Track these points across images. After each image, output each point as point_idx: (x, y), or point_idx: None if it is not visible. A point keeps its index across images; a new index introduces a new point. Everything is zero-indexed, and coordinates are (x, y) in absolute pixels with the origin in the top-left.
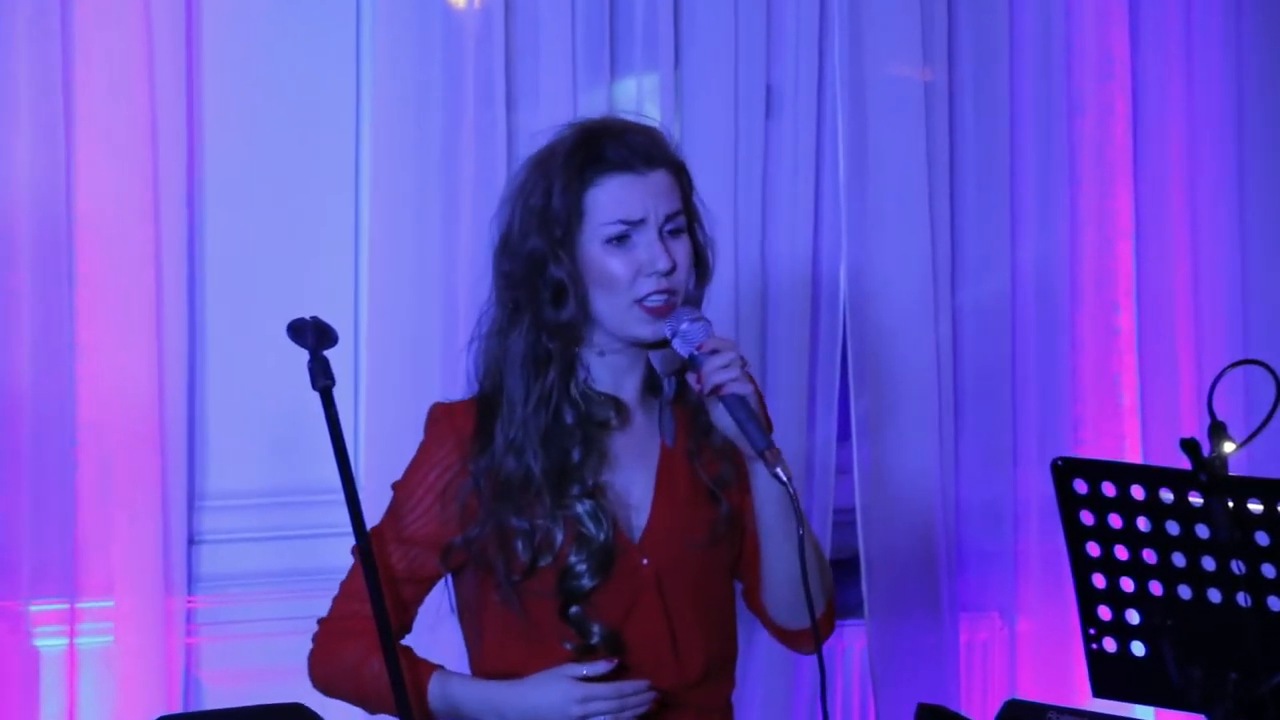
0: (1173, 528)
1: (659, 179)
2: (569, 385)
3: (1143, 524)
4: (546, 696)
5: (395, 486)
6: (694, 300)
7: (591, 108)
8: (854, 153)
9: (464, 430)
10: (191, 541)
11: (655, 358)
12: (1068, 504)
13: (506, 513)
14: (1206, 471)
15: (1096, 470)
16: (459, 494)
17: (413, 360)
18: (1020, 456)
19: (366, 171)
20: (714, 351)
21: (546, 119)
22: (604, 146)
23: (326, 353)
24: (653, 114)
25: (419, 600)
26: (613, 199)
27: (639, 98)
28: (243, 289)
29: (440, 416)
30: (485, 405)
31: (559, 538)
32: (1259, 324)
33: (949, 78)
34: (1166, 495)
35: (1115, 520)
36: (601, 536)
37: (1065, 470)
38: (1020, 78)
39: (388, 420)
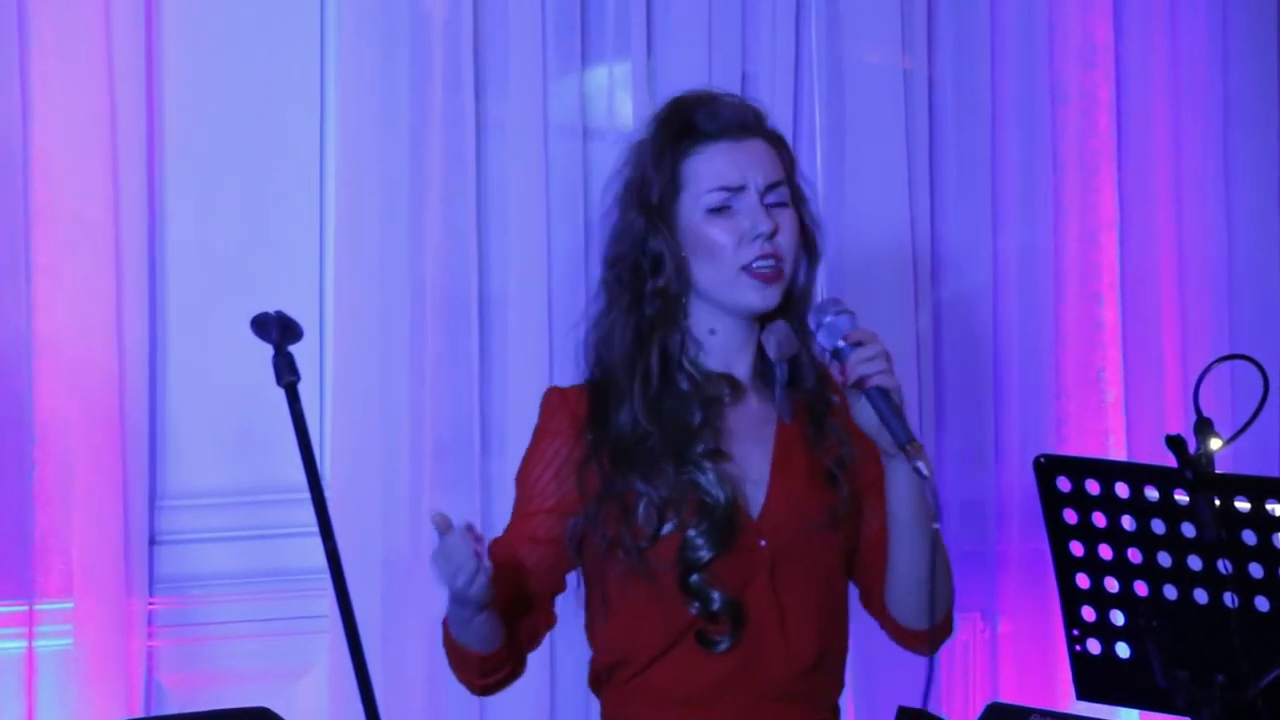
0: (1158, 526)
1: (756, 147)
2: (680, 359)
3: (1127, 522)
4: None
5: (516, 478)
6: (807, 283)
7: (562, 96)
8: (831, 141)
9: (578, 411)
10: (152, 542)
11: (768, 345)
12: (1051, 502)
13: (630, 480)
14: (1192, 469)
15: (1080, 468)
16: (576, 471)
17: (380, 355)
18: (1002, 453)
19: (331, 162)
20: (859, 344)
21: (516, 108)
22: (697, 117)
23: (291, 348)
24: (625, 103)
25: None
26: (710, 167)
27: (611, 86)
28: (205, 282)
29: (554, 398)
30: (597, 390)
31: (681, 503)
32: (1246, 318)
33: (929, 65)
34: (1152, 493)
35: (1099, 519)
36: (723, 499)
37: (1048, 468)
38: (1002, 65)
39: (354, 417)
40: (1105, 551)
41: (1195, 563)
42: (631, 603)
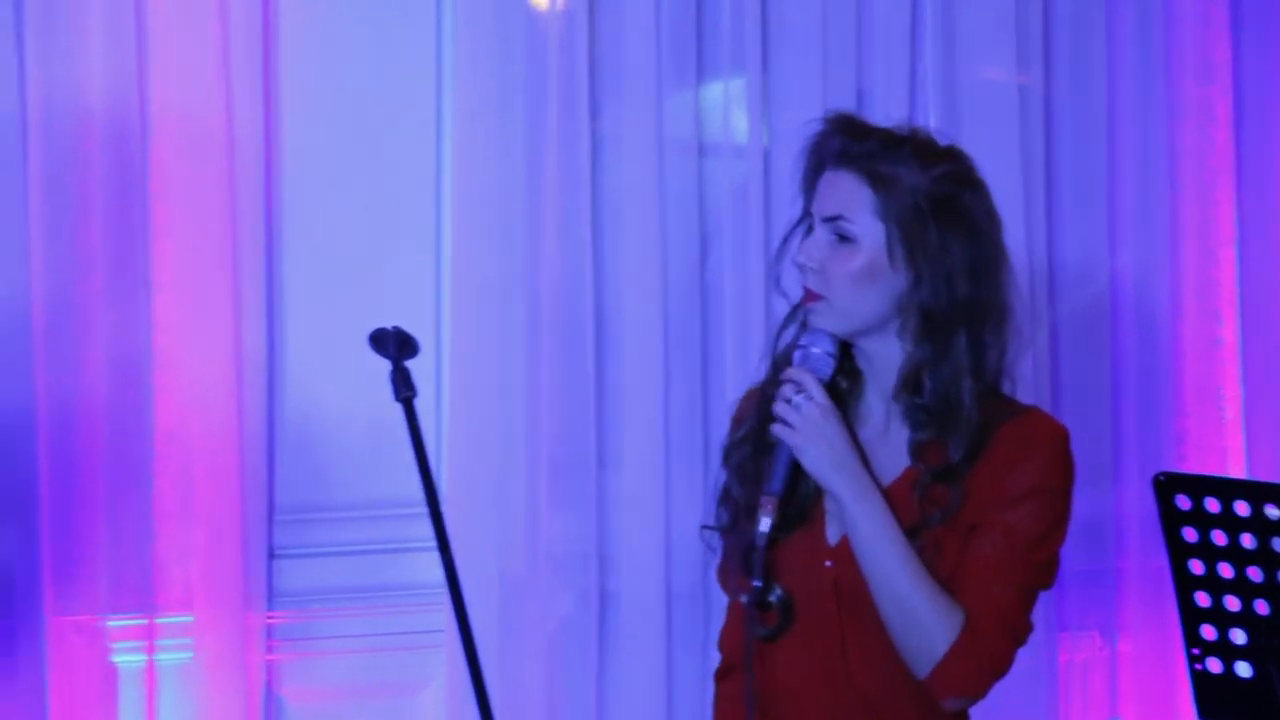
0: (1279, 545)
1: (839, 179)
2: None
3: (1247, 541)
4: None
5: None
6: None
7: (677, 112)
8: None
9: (744, 409)
10: (271, 556)
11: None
12: (1170, 520)
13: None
14: None
15: (1199, 485)
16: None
17: (496, 370)
18: (1121, 472)
19: (448, 178)
20: (792, 382)
21: (631, 124)
22: (821, 137)
23: (408, 363)
24: (739, 119)
25: None
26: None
27: (726, 102)
28: (322, 298)
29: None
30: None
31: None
32: None
33: (1044, 81)
34: (1272, 511)
35: (1219, 537)
36: (809, 488)
37: (1167, 485)
38: (1118, 81)
39: (471, 432)
40: (1225, 570)
41: None
42: (730, 589)
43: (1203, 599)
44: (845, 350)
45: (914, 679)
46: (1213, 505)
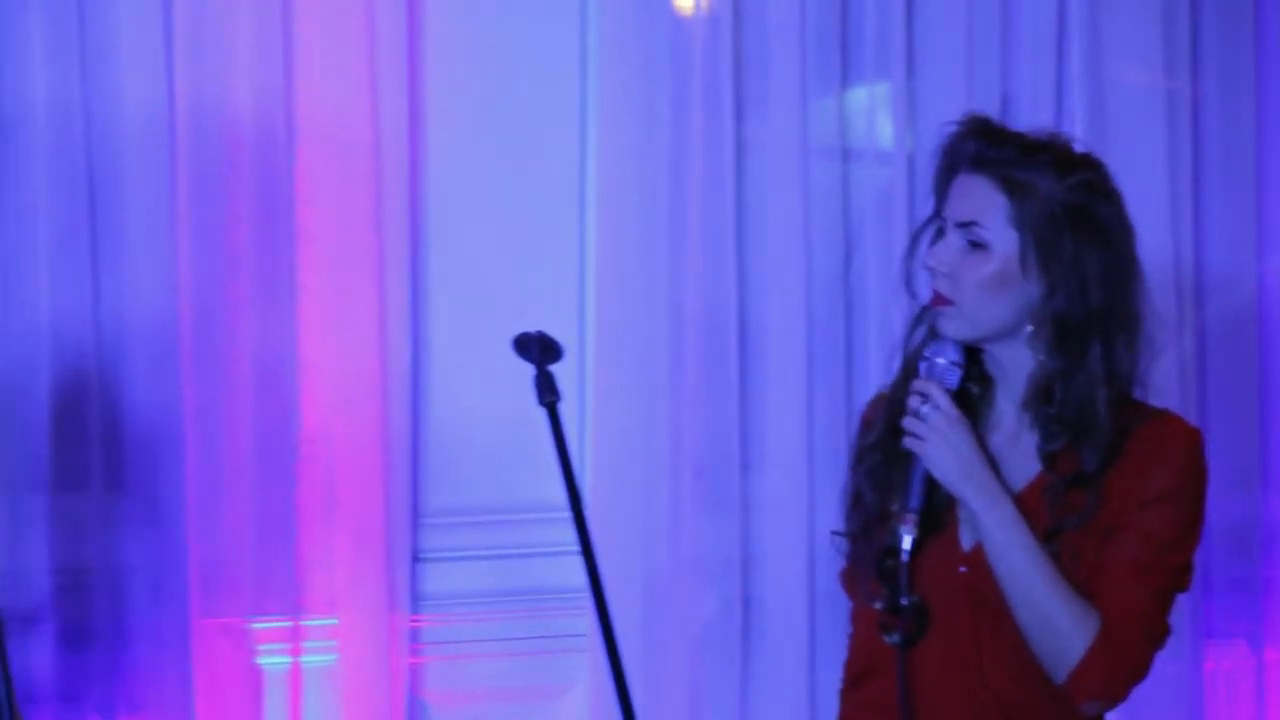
0: None
1: (973, 184)
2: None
3: None
4: None
5: None
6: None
7: (822, 117)
8: None
9: (873, 413)
10: (415, 559)
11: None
12: None
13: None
14: None
15: None
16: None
17: (640, 375)
18: (1269, 478)
19: (592, 182)
20: (919, 394)
21: (775, 129)
22: (957, 140)
23: (552, 367)
24: (884, 124)
25: None
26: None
27: (871, 107)
28: (466, 302)
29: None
30: None
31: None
32: None
33: (1192, 85)
34: None
35: None
36: (931, 500)
37: None
38: (1267, 83)
39: (614, 436)
40: None
41: None
42: (861, 604)
43: None
44: (975, 356)
45: (1051, 684)
46: None
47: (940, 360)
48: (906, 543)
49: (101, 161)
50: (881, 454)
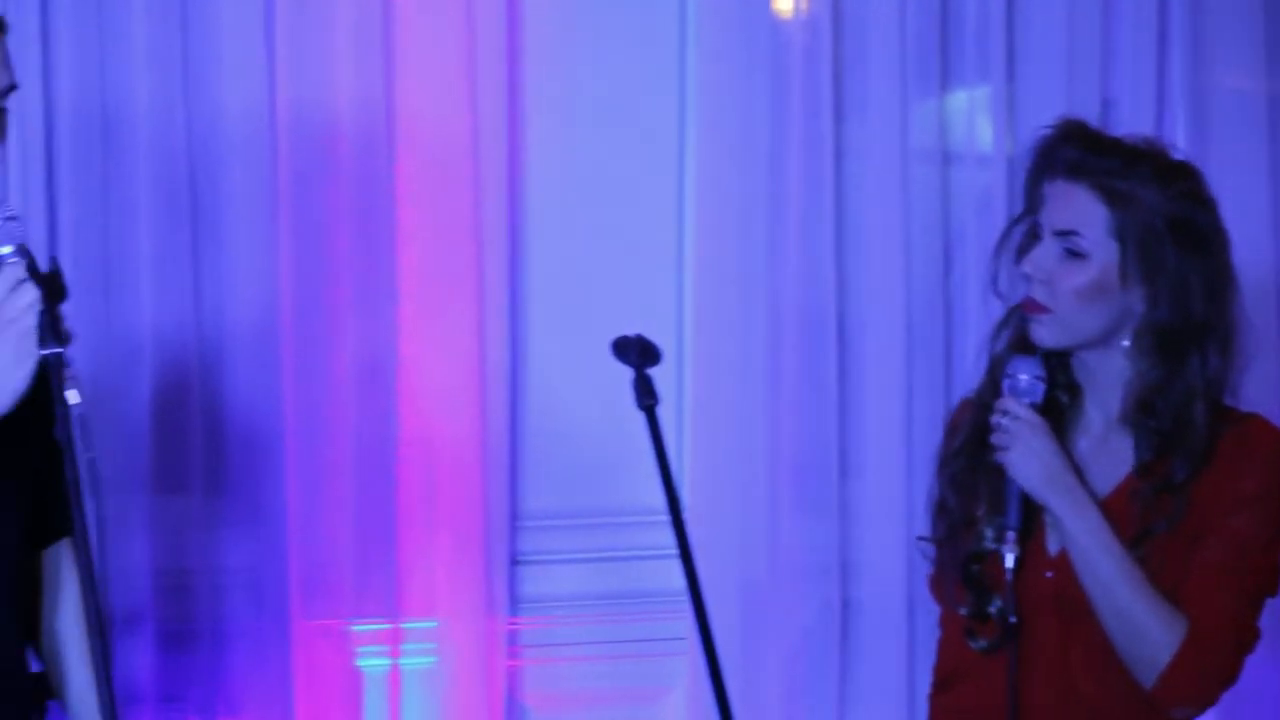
0: None
1: (1074, 193)
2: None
3: None
4: None
5: None
6: (1099, 333)
7: (921, 121)
8: None
9: (959, 419)
10: (514, 562)
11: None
12: None
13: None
14: None
15: None
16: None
17: (738, 378)
18: None
19: (690, 186)
20: (1004, 413)
21: (875, 132)
22: (1052, 144)
23: (650, 371)
24: (984, 128)
25: None
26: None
27: (970, 111)
28: (565, 306)
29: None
30: None
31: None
32: None
33: None
34: None
35: None
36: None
37: None
38: None
39: (712, 440)
40: None
41: None
42: (948, 609)
43: None
44: (1060, 363)
45: (1139, 689)
46: None
47: (1023, 377)
48: (1009, 560)
49: (203, 165)
50: (966, 460)
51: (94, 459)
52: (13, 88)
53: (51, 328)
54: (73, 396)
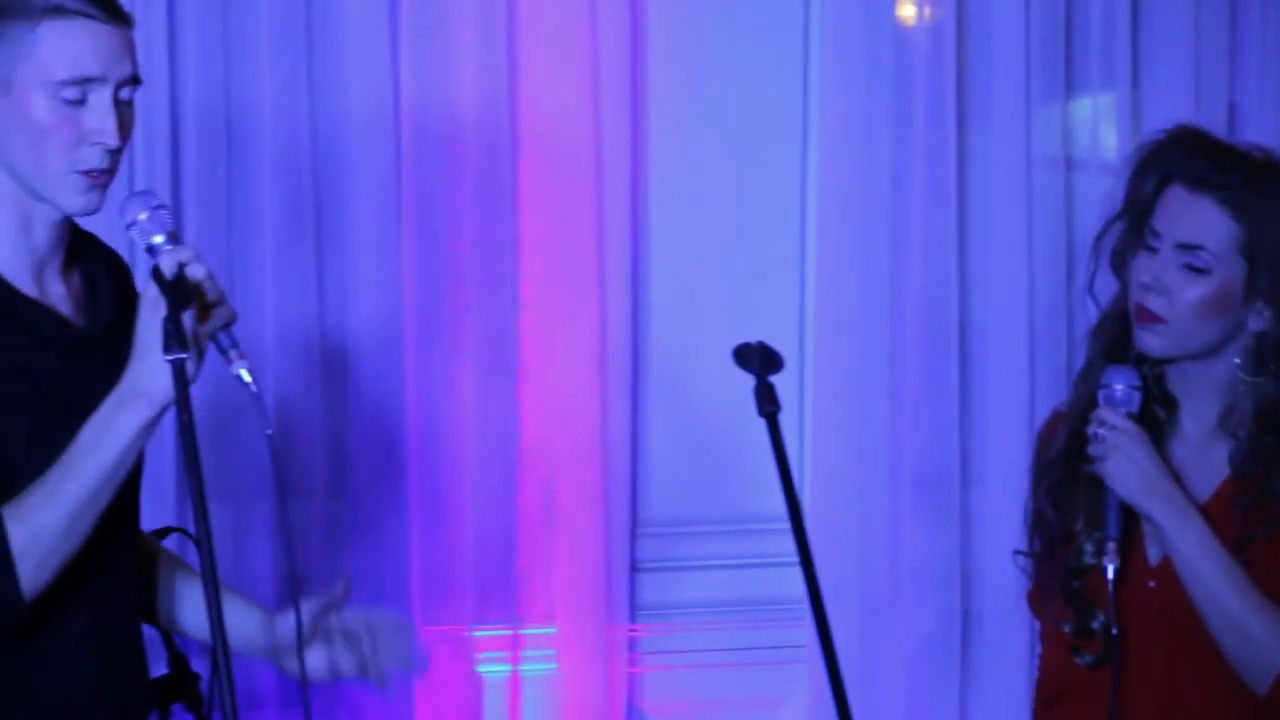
0: None
1: (1199, 205)
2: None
3: None
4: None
5: None
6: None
7: (1045, 127)
8: None
9: (1051, 429)
10: (633, 569)
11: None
12: None
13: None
14: None
15: None
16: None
17: (860, 386)
18: None
19: (812, 192)
20: (1103, 424)
21: (999, 138)
22: (1172, 151)
23: (772, 378)
24: (1109, 134)
25: None
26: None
27: (1094, 117)
28: (686, 312)
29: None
30: None
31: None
32: None
33: None
34: None
35: None
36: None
37: None
38: None
39: (833, 447)
40: None
41: None
42: (1050, 625)
43: None
44: (1155, 370)
45: (1248, 698)
46: None
47: (1118, 387)
48: (1110, 572)
49: (327, 170)
50: (1063, 470)
51: (272, 435)
52: (137, 81)
53: (176, 334)
54: (245, 374)
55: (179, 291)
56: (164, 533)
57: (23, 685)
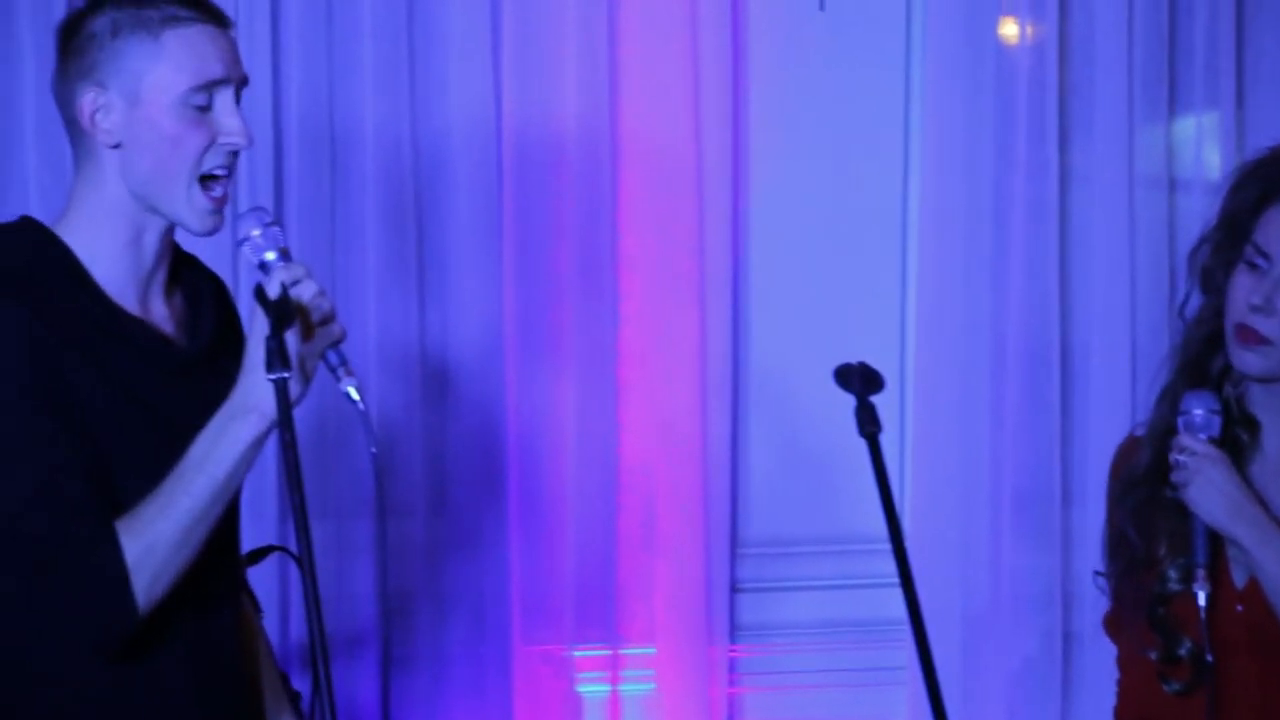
0: None
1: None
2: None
3: None
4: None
5: None
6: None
7: (1148, 146)
8: None
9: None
10: (734, 589)
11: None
12: None
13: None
14: None
15: None
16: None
17: (960, 405)
18: None
19: (914, 211)
20: (1185, 450)
21: (1101, 158)
22: (1272, 171)
23: (873, 398)
24: (1212, 154)
25: None
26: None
27: (1198, 137)
28: (787, 331)
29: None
30: None
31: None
32: None
33: None
34: None
35: None
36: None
37: None
38: None
39: (934, 467)
40: None
41: None
42: (1130, 650)
43: None
44: (1235, 392)
45: None
46: None
47: (1198, 412)
48: (1202, 599)
49: (428, 185)
50: (1145, 494)
51: (376, 453)
52: (244, 80)
53: (279, 353)
54: (353, 392)
55: (281, 311)
56: (265, 551)
57: (118, 714)
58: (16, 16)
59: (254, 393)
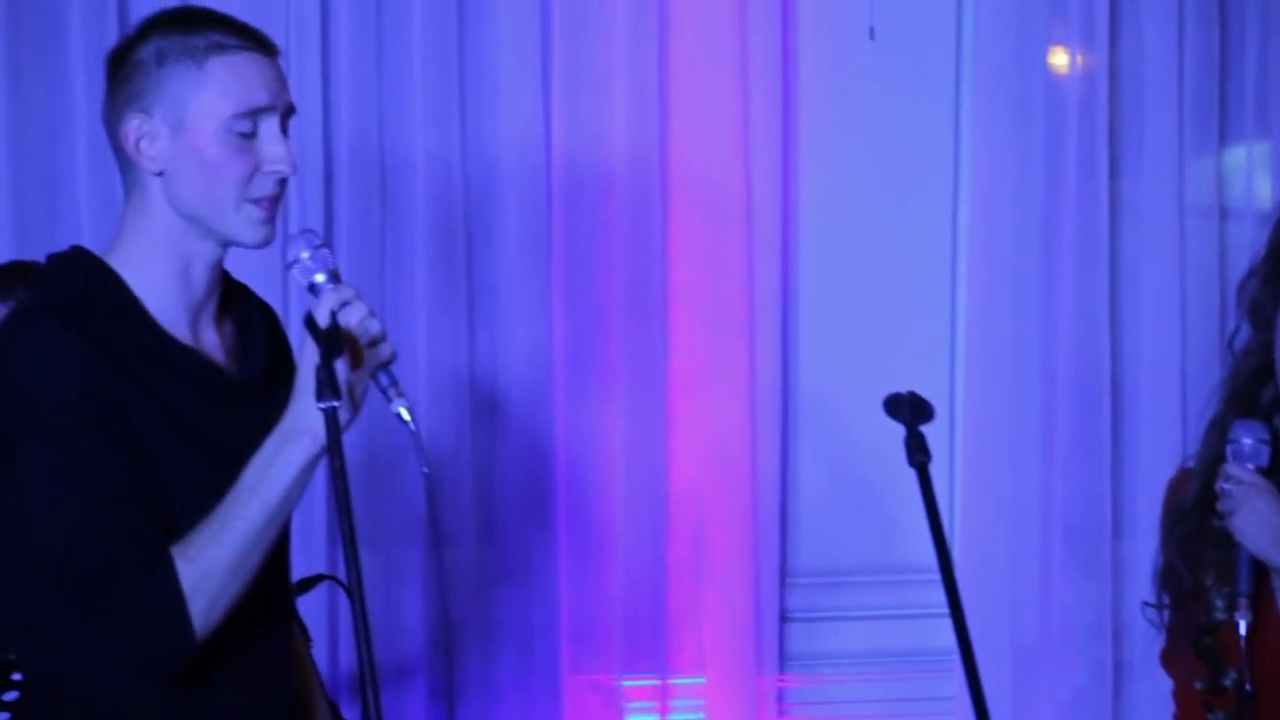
0: None
1: None
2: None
3: None
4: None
5: None
6: None
7: (1198, 175)
8: None
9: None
10: (783, 619)
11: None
12: None
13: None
14: None
15: None
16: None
17: (1010, 436)
18: None
19: (964, 241)
20: (1230, 478)
21: (1151, 188)
22: None
23: (923, 428)
24: (1263, 184)
25: None
26: None
27: (1249, 167)
28: (836, 362)
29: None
30: None
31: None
32: None
33: None
34: None
35: None
36: (1243, 586)
37: None
38: None
39: (984, 498)
40: None
41: None
42: (1181, 683)
43: None
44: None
45: None
46: None
47: (1246, 441)
48: (1242, 628)
49: (478, 217)
50: (1193, 525)
51: (428, 473)
52: (293, 110)
53: (329, 382)
54: (404, 413)
55: (331, 339)
56: (314, 580)
57: None
58: (69, 46)
59: (305, 416)
